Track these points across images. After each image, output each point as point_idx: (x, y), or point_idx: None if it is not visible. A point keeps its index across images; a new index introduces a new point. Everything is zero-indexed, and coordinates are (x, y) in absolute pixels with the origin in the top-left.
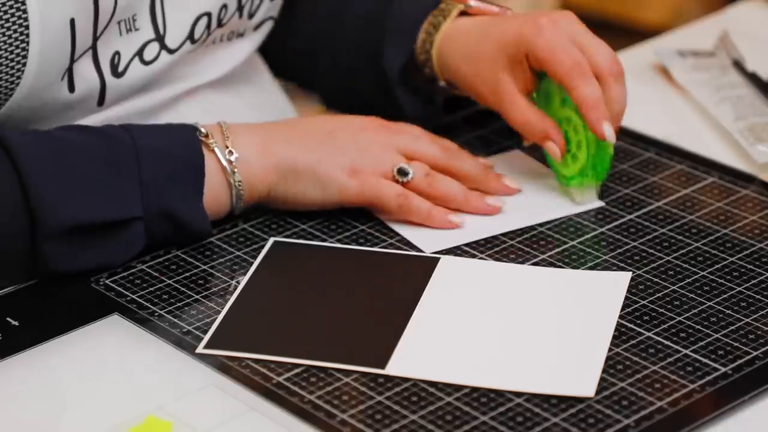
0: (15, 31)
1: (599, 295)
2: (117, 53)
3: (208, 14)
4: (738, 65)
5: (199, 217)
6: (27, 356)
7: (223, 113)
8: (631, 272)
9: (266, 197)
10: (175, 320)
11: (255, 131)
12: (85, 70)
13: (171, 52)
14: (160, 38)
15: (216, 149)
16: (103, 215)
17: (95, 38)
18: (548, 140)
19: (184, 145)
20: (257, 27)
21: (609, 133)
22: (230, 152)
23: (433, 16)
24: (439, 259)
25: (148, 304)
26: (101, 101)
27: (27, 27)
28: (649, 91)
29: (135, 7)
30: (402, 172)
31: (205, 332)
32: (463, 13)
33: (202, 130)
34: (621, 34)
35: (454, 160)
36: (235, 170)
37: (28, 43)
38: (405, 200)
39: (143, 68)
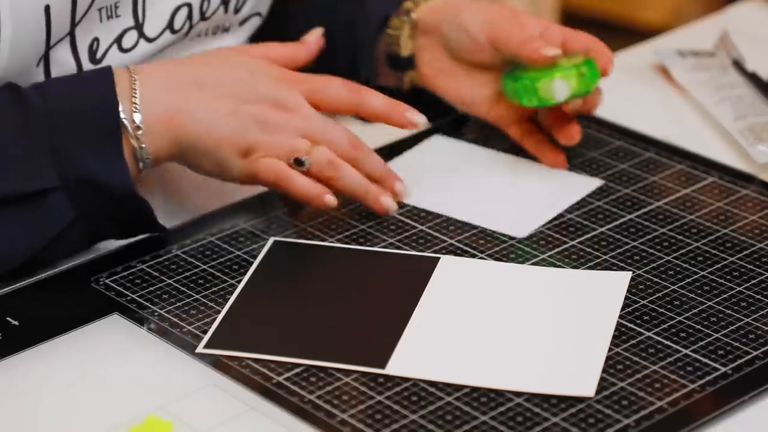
0: None
1: (599, 295)
2: (96, 39)
3: (189, 5)
4: (738, 65)
5: (120, 175)
6: (27, 356)
7: None
8: (631, 272)
9: (169, 160)
10: (175, 320)
11: (165, 84)
12: (62, 57)
13: (149, 40)
14: (138, 26)
15: (122, 114)
16: (15, 187)
17: (73, 24)
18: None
19: (99, 104)
20: (243, 22)
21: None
22: (134, 120)
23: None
24: (439, 259)
25: (148, 304)
26: None
27: None
28: (649, 91)
29: None
30: (298, 163)
31: (205, 332)
32: None
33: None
34: (621, 34)
35: (359, 153)
36: (139, 134)
37: None
38: (282, 180)
39: (121, 56)
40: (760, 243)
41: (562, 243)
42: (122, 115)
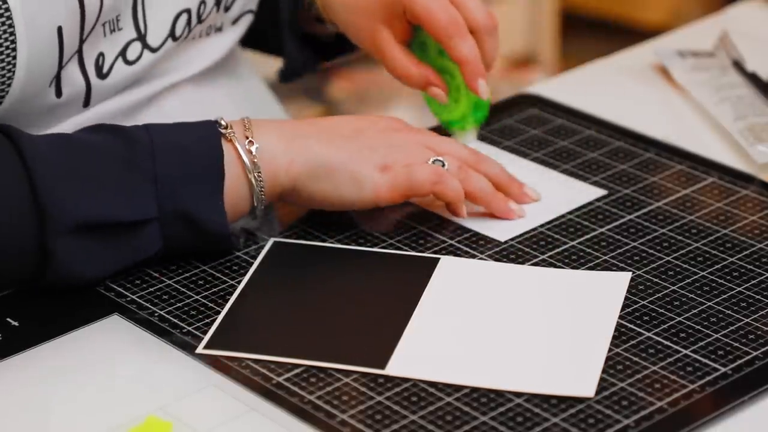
0: (1, 45)
1: (599, 295)
2: (101, 54)
3: (188, 11)
4: (738, 65)
5: (215, 216)
6: (27, 356)
7: (205, 107)
8: (631, 272)
9: (291, 191)
10: (175, 320)
11: (280, 125)
12: (71, 75)
13: (153, 50)
14: (141, 37)
15: (235, 140)
16: (115, 214)
17: (81, 41)
18: (431, 86)
19: (202, 140)
20: (235, 21)
21: (483, 89)
22: (250, 142)
23: None
24: (439, 259)
25: (148, 304)
26: (86, 103)
27: (14, 40)
28: (649, 91)
29: (119, 7)
30: (437, 163)
31: (205, 332)
32: None
33: (223, 122)
34: (621, 34)
35: (482, 162)
36: (255, 160)
37: (14, 56)
38: (440, 177)
39: (127, 68)
40: (760, 243)
41: (562, 243)
42: (238, 147)
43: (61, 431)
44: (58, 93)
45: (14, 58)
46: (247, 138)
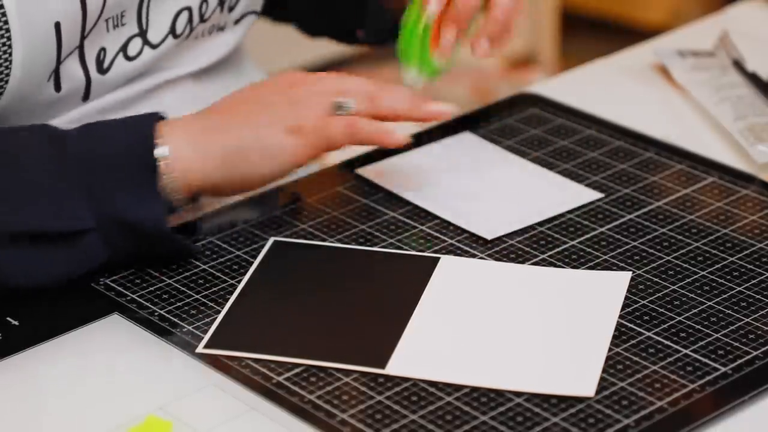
0: None
1: (599, 295)
2: (103, 49)
3: (189, 8)
4: (738, 65)
5: (151, 217)
6: (27, 356)
7: (204, 102)
8: (631, 272)
9: (211, 187)
10: (175, 320)
11: (188, 123)
12: (71, 70)
13: (153, 47)
14: (142, 33)
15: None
16: (50, 224)
17: (83, 37)
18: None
19: (133, 144)
20: (238, 21)
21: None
22: (159, 153)
23: None
24: (439, 259)
25: (148, 304)
26: (86, 97)
27: (9, 37)
28: (649, 91)
29: (124, 4)
30: (339, 107)
31: (205, 332)
32: None
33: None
34: (621, 34)
35: (385, 89)
36: (165, 163)
37: (10, 53)
38: (352, 127)
39: (127, 64)
40: (760, 243)
41: (562, 243)
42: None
43: (61, 431)
44: (57, 87)
45: (10, 55)
46: (155, 141)
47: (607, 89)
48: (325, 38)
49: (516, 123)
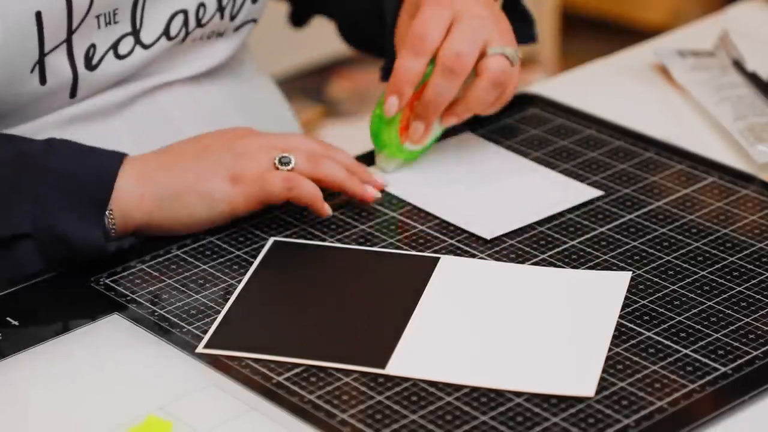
0: None
1: (599, 295)
2: (93, 46)
3: (185, 11)
4: (738, 65)
5: (93, 240)
6: (27, 356)
7: (200, 106)
8: (631, 272)
9: (147, 226)
10: (175, 320)
11: (133, 163)
12: (57, 64)
13: (145, 47)
14: (135, 32)
15: None
16: None
17: (70, 31)
18: (393, 95)
19: (96, 175)
20: (238, 28)
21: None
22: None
23: None
24: (439, 259)
25: (148, 304)
26: (73, 94)
27: None
28: (649, 91)
29: (117, 2)
30: (283, 162)
31: (205, 332)
32: None
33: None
34: (621, 34)
35: (329, 150)
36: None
37: None
38: (291, 182)
39: (117, 62)
40: (760, 243)
41: (562, 243)
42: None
43: (61, 431)
44: (42, 80)
45: None
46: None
47: (607, 89)
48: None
49: (516, 123)
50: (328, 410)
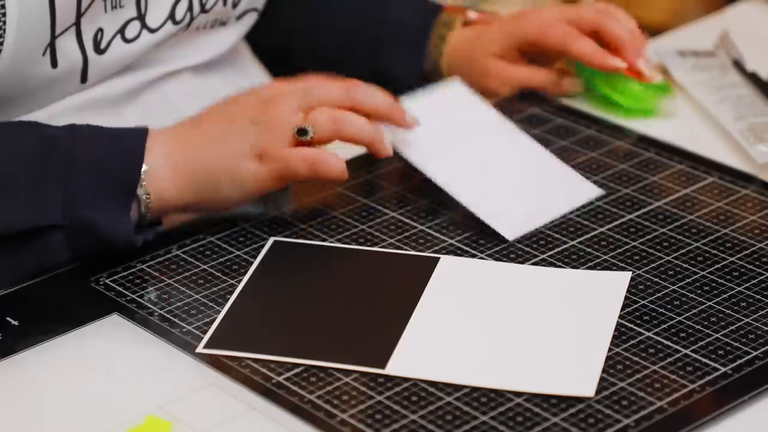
0: None
1: (599, 295)
2: (100, 30)
3: None
4: (738, 65)
5: (122, 231)
6: (27, 356)
7: (206, 96)
8: (631, 272)
9: (184, 207)
10: (175, 320)
11: (170, 140)
12: (67, 46)
13: (152, 31)
14: (141, 17)
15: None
16: (17, 221)
17: (79, 14)
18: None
19: (122, 154)
20: (240, 17)
21: (616, 62)
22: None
23: (438, 27)
24: (439, 259)
25: (148, 304)
26: (84, 78)
27: (3, 5)
28: None
29: None
30: (301, 132)
31: (205, 332)
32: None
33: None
34: None
35: (357, 96)
36: (143, 183)
37: (4, 20)
38: (314, 164)
39: (125, 46)
40: (760, 243)
41: (562, 243)
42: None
43: (61, 431)
44: (54, 63)
45: (4, 15)
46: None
47: None
48: None
49: (516, 123)
50: (328, 410)
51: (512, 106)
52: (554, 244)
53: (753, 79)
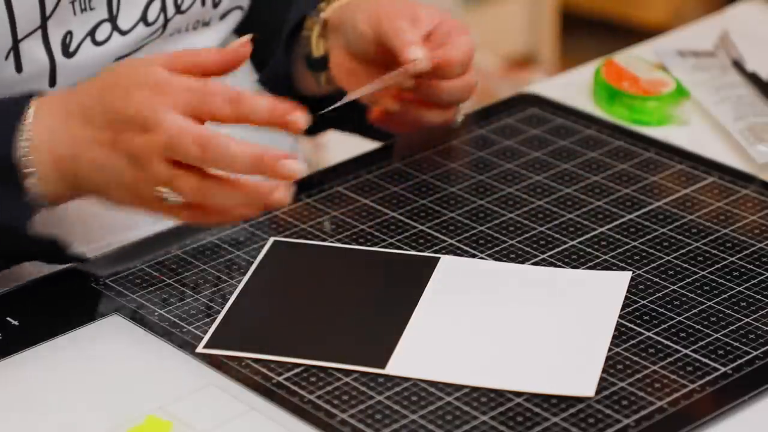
0: None
1: (599, 295)
2: (69, 33)
3: None
4: (738, 65)
5: (10, 217)
6: (27, 356)
7: None
8: (631, 272)
9: (73, 198)
10: (175, 320)
11: (52, 139)
12: (33, 50)
13: (123, 33)
14: (112, 18)
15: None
16: None
17: (45, 17)
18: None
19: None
20: (223, 16)
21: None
22: (26, 165)
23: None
24: (439, 259)
25: (148, 304)
26: (52, 82)
27: None
28: None
29: None
30: (166, 198)
31: (205, 332)
32: None
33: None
34: (621, 34)
35: (245, 107)
36: (32, 179)
37: None
38: (194, 213)
39: (95, 49)
40: (760, 243)
41: (562, 243)
42: (16, 155)
43: (61, 431)
44: (18, 68)
45: None
46: (22, 145)
47: None
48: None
49: (516, 123)
50: (328, 410)
51: (512, 106)
52: (554, 244)
53: (753, 79)
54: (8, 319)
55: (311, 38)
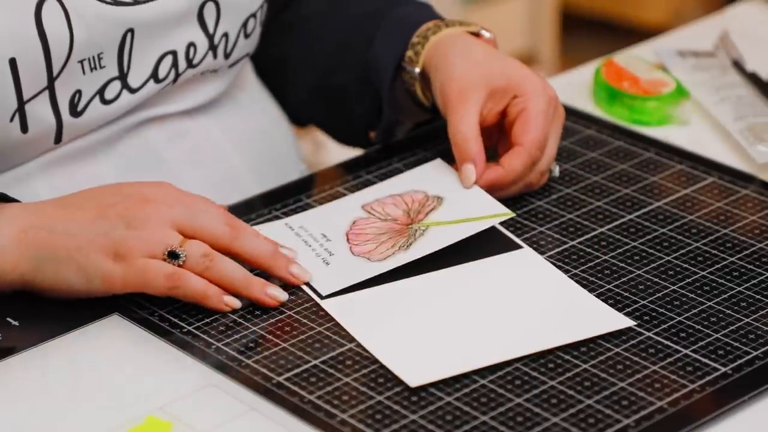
0: None
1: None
2: (78, 92)
3: (173, 53)
4: (738, 65)
5: None
6: (27, 356)
7: (193, 142)
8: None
9: (22, 285)
10: (175, 320)
11: (24, 212)
12: (40, 111)
13: (132, 91)
14: (123, 76)
15: None
16: None
17: (52, 78)
18: (468, 163)
19: None
20: (233, 64)
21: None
22: None
23: (436, 24)
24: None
25: (148, 304)
26: (58, 140)
27: None
28: None
29: (101, 45)
30: (172, 255)
31: (205, 332)
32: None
33: None
34: (621, 34)
35: (237, 241)
36: None
37: None
38: (176, 281)
39: (103, 107)
40: (760, 243)
41: (562, 243)
42: None
43: (61, 431)
44: (24, 129)
45: None
46: None
47: None
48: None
49: None
50: (328, 410)
51: None
52: (554, 244)
53: (753, 79)
54: (8, 319)
55: (416, 92)
